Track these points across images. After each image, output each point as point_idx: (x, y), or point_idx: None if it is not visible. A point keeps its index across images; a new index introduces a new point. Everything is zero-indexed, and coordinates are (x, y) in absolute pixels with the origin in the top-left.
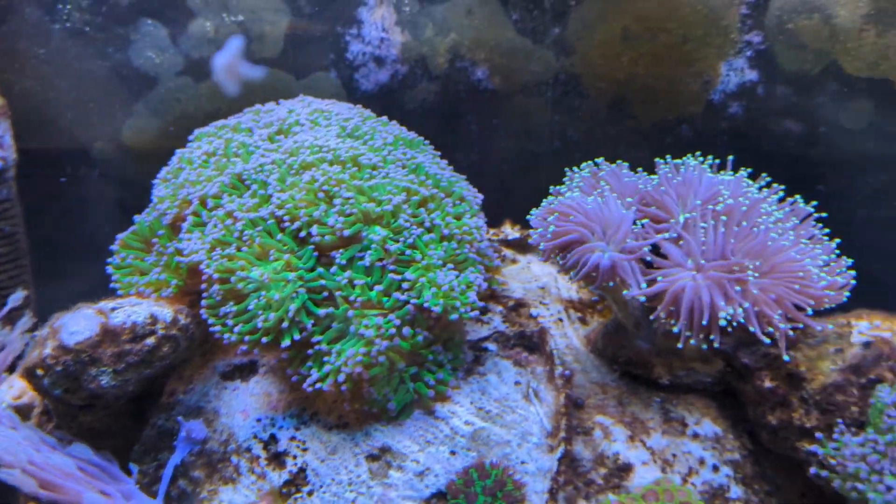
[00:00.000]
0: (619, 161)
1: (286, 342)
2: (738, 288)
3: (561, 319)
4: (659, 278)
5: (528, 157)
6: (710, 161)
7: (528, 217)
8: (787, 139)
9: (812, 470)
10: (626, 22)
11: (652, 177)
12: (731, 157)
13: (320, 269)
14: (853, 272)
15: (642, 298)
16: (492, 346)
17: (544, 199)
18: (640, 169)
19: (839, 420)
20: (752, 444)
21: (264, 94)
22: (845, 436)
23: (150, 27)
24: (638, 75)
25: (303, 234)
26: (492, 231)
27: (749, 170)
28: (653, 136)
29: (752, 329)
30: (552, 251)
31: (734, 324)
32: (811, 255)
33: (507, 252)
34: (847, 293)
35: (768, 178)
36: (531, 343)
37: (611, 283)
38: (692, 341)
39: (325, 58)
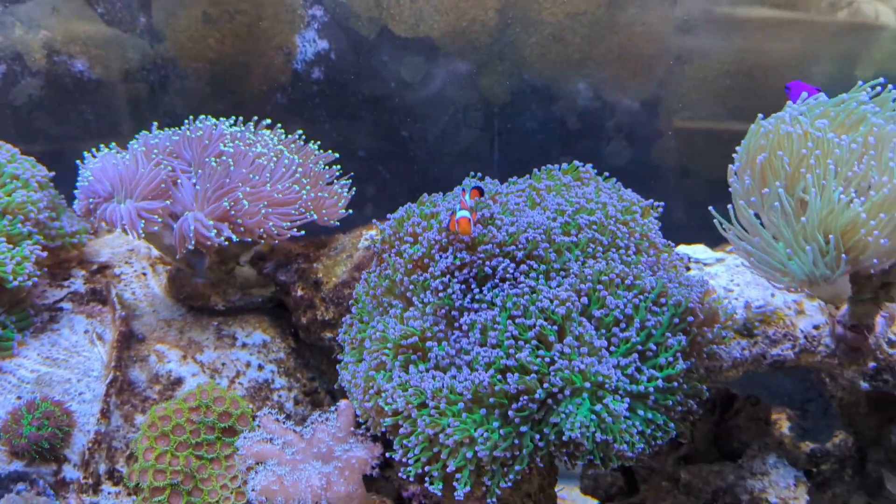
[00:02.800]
0: None
1: None
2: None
3: (145, 273)
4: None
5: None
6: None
7: None
8: (365, 95)
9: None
10: (204, 7)
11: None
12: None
13: None
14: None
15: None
16: (67, 305)
17: None
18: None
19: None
20: (296, 343)
21: None
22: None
23: None
24: (227, 53)
25: None
26: None
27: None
28: (252, 106)
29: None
30: (85, 210)
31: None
32: (297, 182)
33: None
34: (344, 211)
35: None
36: (102, 297)
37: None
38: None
39: None
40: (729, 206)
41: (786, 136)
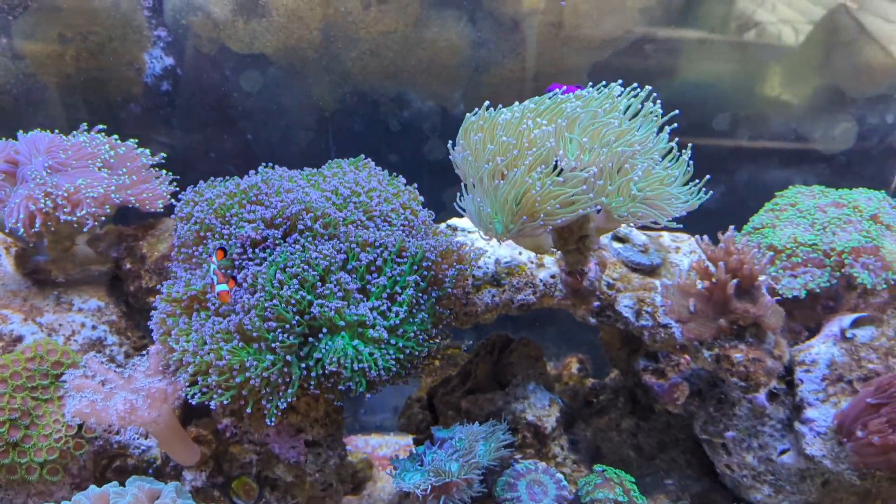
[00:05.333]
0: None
1: None
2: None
3: None
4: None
5: None
6: None
7: None
8: (210, 104)
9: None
10: (60, 30)
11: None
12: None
13: None
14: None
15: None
16: None
17: None
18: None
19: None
20: (127, 309)
21: None
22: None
23: None
24: (84, 69)
25: None
26: None
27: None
28: (110, 115)
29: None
30: None
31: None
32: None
33: None
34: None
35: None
36: None
37: None
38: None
39: None
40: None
41: (492, 125)
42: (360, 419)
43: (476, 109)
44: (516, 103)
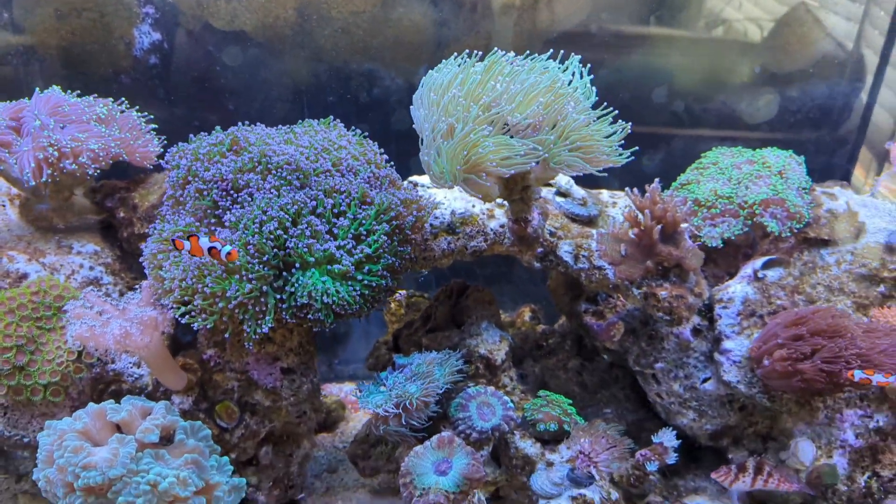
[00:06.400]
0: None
1: None
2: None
3: (3, 205)
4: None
5: None
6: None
7: None
8: (195, 76)
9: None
10: (56, 6)
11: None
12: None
13: None
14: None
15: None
16: None
17: None
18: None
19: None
20: (122, 253)
21: None
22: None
23: None
24: (78, 43)
25: None
26: None
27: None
28: (103, 87)
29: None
30: None
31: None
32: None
33: None
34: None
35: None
36: None
37: None
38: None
39: None
40: None
41: (447, 86)
42: (335, 369)
43: (432, 70)
44: (458, 63)
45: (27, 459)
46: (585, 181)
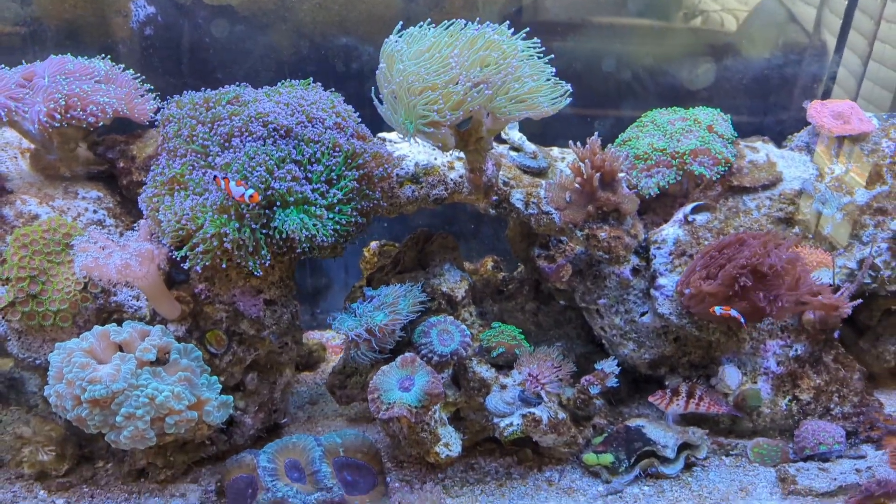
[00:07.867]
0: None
1: None
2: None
3: (16, 157)
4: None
5: None
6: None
7: None
8: (186, 47)
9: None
10: None
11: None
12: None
13: None
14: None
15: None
16: None
17: None
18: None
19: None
20: (122, 199)
21: None
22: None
23: None
24: (80, 15)
25: None
26: None
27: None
28: (102, 55)
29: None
30: None
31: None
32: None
33: None
34: (152, 115)
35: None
36: None
37: None
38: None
39: None
40: None
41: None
42: (317, 317)
43: (395, 37)
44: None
45: (36, 394)
46: (540, 139)
